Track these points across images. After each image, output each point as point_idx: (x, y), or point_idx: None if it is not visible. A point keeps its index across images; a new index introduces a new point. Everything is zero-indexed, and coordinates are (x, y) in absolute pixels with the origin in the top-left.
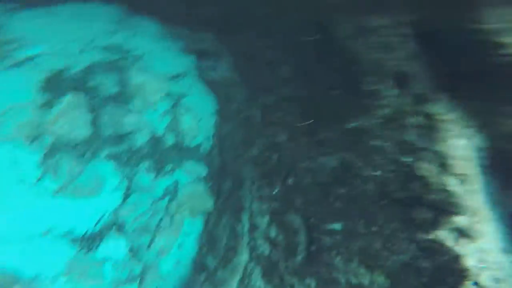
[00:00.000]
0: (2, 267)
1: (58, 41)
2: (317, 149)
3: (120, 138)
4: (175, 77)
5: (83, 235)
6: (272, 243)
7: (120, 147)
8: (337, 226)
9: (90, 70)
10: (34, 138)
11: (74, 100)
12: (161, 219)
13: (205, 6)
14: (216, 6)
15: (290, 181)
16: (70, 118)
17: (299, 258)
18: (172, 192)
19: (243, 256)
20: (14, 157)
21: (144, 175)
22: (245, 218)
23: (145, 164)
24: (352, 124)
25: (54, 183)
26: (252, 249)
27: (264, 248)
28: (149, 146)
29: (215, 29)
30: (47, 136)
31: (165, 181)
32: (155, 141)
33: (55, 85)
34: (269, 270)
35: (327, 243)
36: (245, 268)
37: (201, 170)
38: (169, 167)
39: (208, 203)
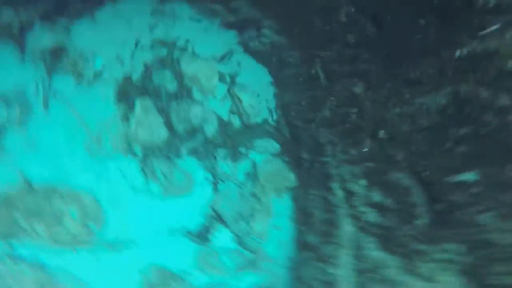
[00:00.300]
0: (156, 263)
1: (110, 49)
2: (411, 89)
3: (193, 132)
4: (223, 58)
5: (196, 230)
6: (379, 208)
7: (196, 140)
8: (468, 176)
9: (146, 72)
10: (127, 149)
11: (143, 106)
12: (250, 203)
13: None
14: None
15: (381, 133)
16: (146, 124)
17: (423, 221)
18: (253, 175)
19: (347, 228)
20: (120, 169)
21: (223, 163)
22: (335, 186)
23: (221, 152)
24: (460, 52)
25: (156, 186)
26: (355, 218)
27: (371, 216)
28: (219, 133)
29: None
30: (135, 144)
31: (243, 165)
32: (223, 126)
33: (125, 95)
34: (386, 239)
35: (459, 198)
36: (354, 241)
37: (273, 145)
38: (242, 149)
39: (290, 178)
